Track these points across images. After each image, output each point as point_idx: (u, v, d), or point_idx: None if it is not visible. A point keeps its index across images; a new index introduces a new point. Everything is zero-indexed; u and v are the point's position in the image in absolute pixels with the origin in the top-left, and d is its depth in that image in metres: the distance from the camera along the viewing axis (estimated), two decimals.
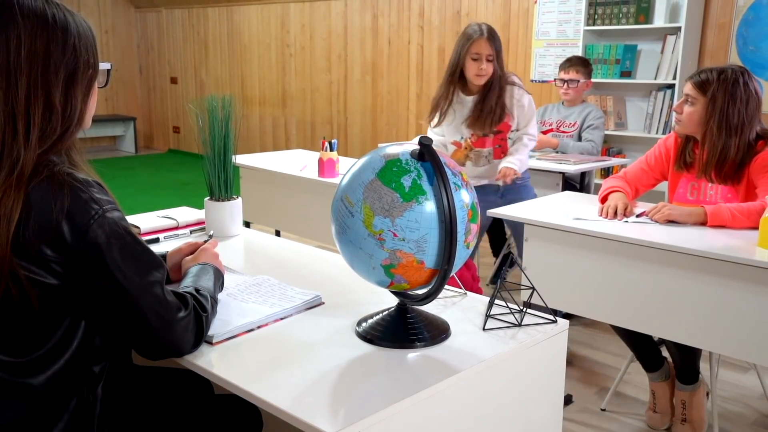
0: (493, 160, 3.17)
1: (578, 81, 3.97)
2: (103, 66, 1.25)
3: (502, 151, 3.15)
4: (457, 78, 3.06)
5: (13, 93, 1.09)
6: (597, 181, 4.14)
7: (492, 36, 2.97)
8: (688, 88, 2.36)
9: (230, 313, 1.39)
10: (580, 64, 4.02)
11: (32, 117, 1.10)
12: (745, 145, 2.30)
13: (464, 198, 1.22)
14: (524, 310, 1.42)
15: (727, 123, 2.27)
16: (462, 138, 3.16)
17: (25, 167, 1.09)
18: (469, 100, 3.10)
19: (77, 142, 1.19)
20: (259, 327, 1.36)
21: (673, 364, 2.48)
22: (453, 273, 1.22)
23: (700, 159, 2.38)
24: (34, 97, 1.11)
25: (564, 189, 3.60)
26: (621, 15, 4.56)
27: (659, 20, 4.45)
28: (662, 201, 2.42)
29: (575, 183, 3.83)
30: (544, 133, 4.03)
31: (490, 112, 3.04)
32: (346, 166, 2.86)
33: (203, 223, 2.07)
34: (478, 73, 2.98)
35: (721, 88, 2.27)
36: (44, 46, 1.11)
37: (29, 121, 1.10)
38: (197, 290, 1.31)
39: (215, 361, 1.23)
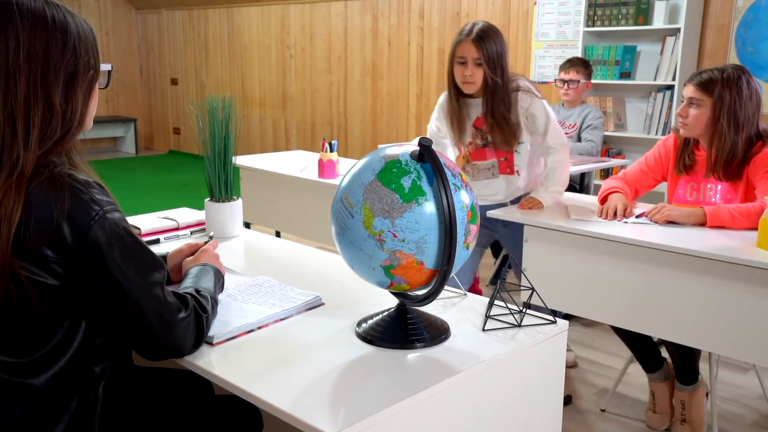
0: (498, 175, 2.72)
1: (578, 81, 3.98)
2: (104, 67, 1.24)
3: (508, 165, 2.70)
4: (453, 83, 2.64)
5: (12, 95, 1.09)
6: (597, 182, 4.14)
7: (482, 37, 2.50)
8: (691, 90, 2.34)
9: (230, 313, 1.40)
10: (581, 64, 4.02)
11: (32, 119, 1.10)
12: (748, 141, 2.31)
13: (464, 199, 1.22)
14: (524, 310, 1.42)
15: (735, 120, 2.28)
16: (462, 144, 2.73)
17: (25, 168, 1.09)
18: (470, 104, 2.66)
19: (78, 144, 1.19)
20: (259, 328, 1.36)
21: (673, 364, 2.48)
22: (452, 274, 1.23)
23: (708, 158, 2.37)
24: (34, 99, 1.10)
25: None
26: (620, 16, 4.57)
27: (658, 21, 4.46)
28: (662, 202, 2.42)
29: (575, 184, 3.83)
30: None
31: (505, 126, 2.59)
32: (346, 167, 2.86)
33: (203, 224, 2.07)
34: (464, 79, 2.54)
35: (727, 87, 2.27)
36: (44, 48, 1.11)
37: (29, 122, 1.10)
38: (197, 291, 1.31)
39: (215, 362, 1.23)
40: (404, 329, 1.31)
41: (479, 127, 2.67)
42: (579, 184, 3.85)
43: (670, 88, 4.46)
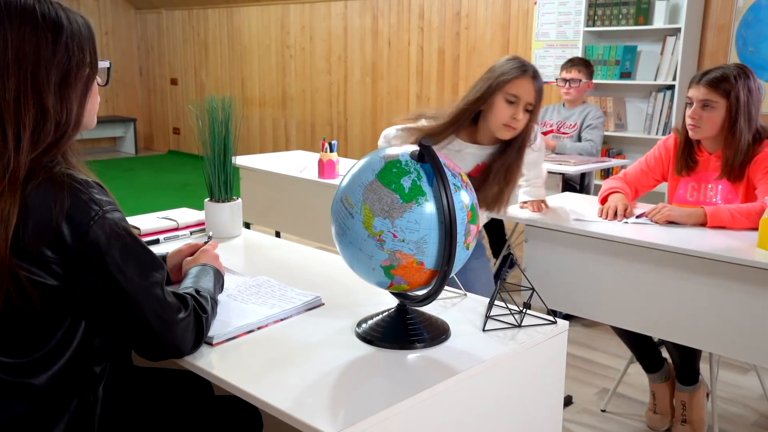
0: None
1: (580, 80, 3.97)
2: (102, 64, 1.21)
3: None
4: (469, 120, 2.19)
5: (0, 96, 1.06)
6: (597, 182, 4.14)
7: (538, 78, 2.14)
8: (704, 92, 2.29)
9: (230, 314, 1.39)
10: (582, 64, 4.02)
11: (23, 121, 1.07)
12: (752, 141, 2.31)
13: (464, 199, 1.22)
14: (524, 311, 1.42)
15: (749, 119, 2.28)
16: None
17: (18, 171, 1.06)
18: (471, 151, 2.25)
19: (74, 144, 1.17)
20: (259, 328, 1.36)
21: (673, 365, 2.48)
22: (453, 274, 1.22)
23: (723, 160, 2.34)
24: (24, 100, 1.07)
25: (564, 190, 3.61)
26: (621, 16, 4.57)
27: (659, 21, 4.46)
28: (662, 202, 2.42)
29: (575, 184, 3.83)
30: (545, 134, 4.04)
31: (512, 185, 2.24)
32: (346, 168, 2.86)
33: (203, 224, 2.07)
34: (508, 122, 2.11)
35: (742, 86, 2.26)
36: (33, 47, 1.08)
37: (19, 125, 1.07)
38: (197, 291, 1.31)
39: (215, 362, 1.23)
40: (404, 329, 1.30)
41: (474, 175, 2.25)
42: (579, 184, 3.85)
43: (671, 88, 4.46)
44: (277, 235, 3.97)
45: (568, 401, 2.69)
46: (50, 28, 1.10)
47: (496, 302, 1.46)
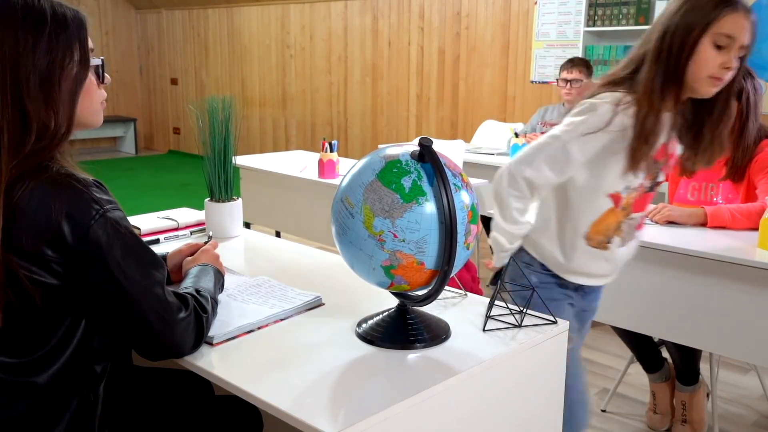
0: (635, 233, 1.74)
1: (581, 80, 3.97)
2: (94, 62, 1.16)
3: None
4: (678, 78, 1.54)
5: None
6: None
7: (751, 12, 1.54)
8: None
9: (230, 313, 1.39)
10: (583, 64, 4.02)
11: (0, 126, 1.02)
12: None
13: (464, 199, 1.22)
14: (524, 311, 1.42)
15: (756, 118, 2.28)
16: (626, 188, 1.63)
17: (1, 175, 1.03)
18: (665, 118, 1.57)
19: (66, 146, 1.13)
20: (259, 328, 1.36)
21: (674, 365, 2.48)
22: (453, 274, 1.22)
23: (732, 161, 2.33)
24: (3, 105, 1.03)
25: None
26: (621, 16, 4.57)
27: None
28: (662, 202, 2.42)
29: None
30: (543, 134, 4.03)
31: (716, 145, 1.65)
32: (346, 167, 2.86)
33: (203, 224, 2.07)
34: (716, 73, 1.53)
35: (750, 86, 2.26)
36: (12, 46, 1.03)
37: None
38: (198, 291, 1.31)
39: (215, 362, 1.23)
40: (404, 329, 1.30)
41: (659, 159, 1.63)
42: None
43: None
44: (277, 235, 3.97)
45: None
46: (31, 25, 1.04)
47: (496, 302, 1.45)
